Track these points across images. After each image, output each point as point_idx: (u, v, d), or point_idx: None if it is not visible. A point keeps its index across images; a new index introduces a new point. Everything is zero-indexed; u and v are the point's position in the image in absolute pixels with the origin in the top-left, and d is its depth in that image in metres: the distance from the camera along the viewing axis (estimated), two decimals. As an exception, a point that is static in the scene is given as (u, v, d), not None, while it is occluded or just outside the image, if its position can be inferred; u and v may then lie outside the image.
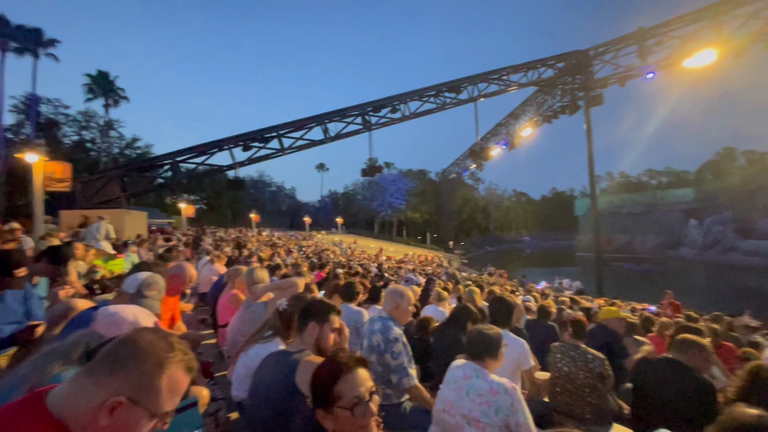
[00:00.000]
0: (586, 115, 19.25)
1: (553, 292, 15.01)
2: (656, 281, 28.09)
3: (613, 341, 3.81)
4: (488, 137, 28.41)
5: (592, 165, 19.56)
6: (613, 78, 18.55)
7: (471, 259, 46.89)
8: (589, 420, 2.71)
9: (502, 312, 2.95)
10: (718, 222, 40.30)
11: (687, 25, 15.89)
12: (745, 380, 2.12)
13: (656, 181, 72.79)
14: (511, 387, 1.70)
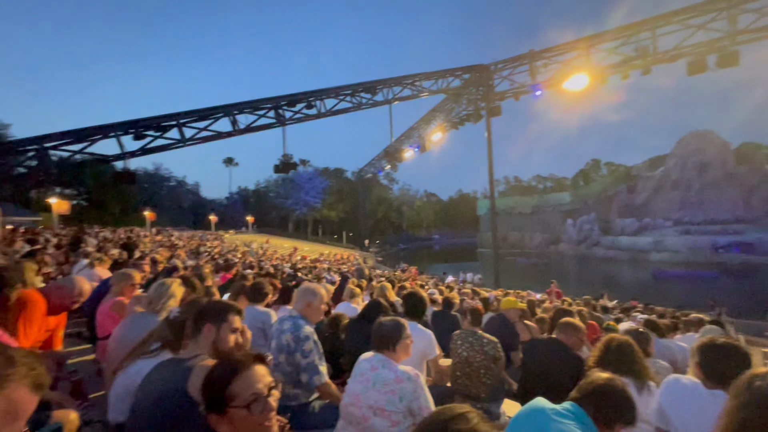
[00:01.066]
0: (487, 124, 21.19)
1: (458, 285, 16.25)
2: (542, 272, 32.29)
3: (508, 327, 4.28)
4: (402, 139, 29.55)
5: (492, 170, 21.63)
6: (510, 92, 20.74)
7: (385, 257, 48.29)
8: (484, 398, 3.00)
9: (415, 305, 3.11)
10: (587, 221, 47.91)
11: (566, 52, 18.51)
12: (601, 350, 2.54)
13: (542, 186, 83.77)
14: (414, 374, 1.79)
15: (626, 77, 17.20)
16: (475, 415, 0.76)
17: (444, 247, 75.73)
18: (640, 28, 16.67)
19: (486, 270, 26.68)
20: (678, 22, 15.84)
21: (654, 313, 8.82)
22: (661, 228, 41.76)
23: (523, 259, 45.02)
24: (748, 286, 27.18)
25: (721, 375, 1.69)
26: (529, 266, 40.23)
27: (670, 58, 16.14)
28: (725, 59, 14.54)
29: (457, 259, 48.45)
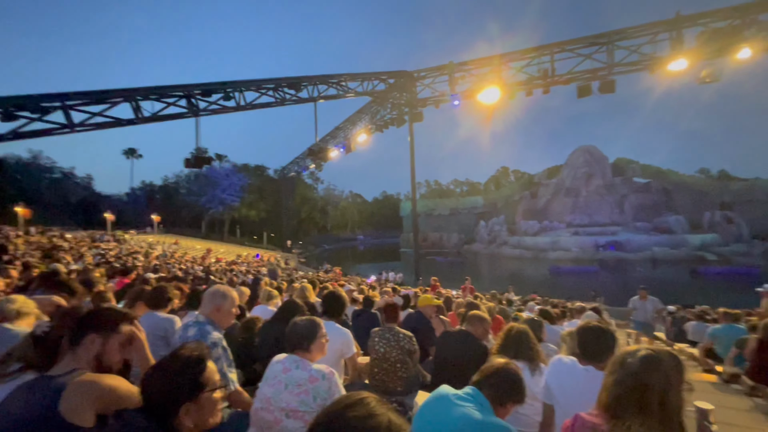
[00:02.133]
0: (409, 129, 22.03)
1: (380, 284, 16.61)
2: (458, 270, 34.53)
3: (424, 323, 4.50)
4: (327, 139, 29.26)
5: (414, 173, 22.54)
6: (431, 100, 21.85)
7: (309, 258, 47.29)
8: (400, 391, 3.11)
9: (332, 305, 3.10)
10: (497, 223, 52.51)
11: (481, 67, 20.11)
12: (503, 338, 2.80)
13: (459, 189, 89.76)
14: (329, 372, 1.78)
15: (530, 94, 19.26)
16: (373, 399, 0.79)
17: (368, 248, 76.77)
18: (542, 52, 18.81)
19: (408, 269, 27.69)
20: (571, 50, 18.21)
21: (549, 304, 10.00)
22: (557, 229, 47.57)
23: (441, 258, 47.65)
24: (620, 278, 32.34)
25: (592, 353, 1.98)
26: (446, 265, 42.70)
27: (564, 81, 18.48)
28: (605, 86, 17.12)
29: (380, 259, 49.47)
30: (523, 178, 65.30)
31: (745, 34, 14.48)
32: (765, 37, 14.61)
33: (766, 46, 14.65)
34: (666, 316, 9.48)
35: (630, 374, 1.19)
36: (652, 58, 16.58)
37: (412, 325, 4.15)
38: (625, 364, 1.22)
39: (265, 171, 64.83)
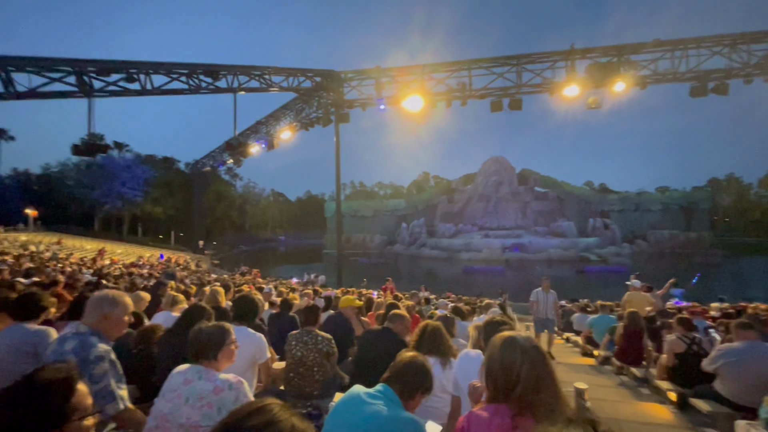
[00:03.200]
0: (335, 130, 21.88)
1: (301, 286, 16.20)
2: (380, 271, 35.23)
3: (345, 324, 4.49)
4: (248, 133, 27.66)
5: (339, 174, 22.44)
6: (358, 102, 21.99)
7: (223, 259, 44.14)
8: (317, 395, 3.05)
9: (244, 308, 2.92)
10: (417, 225, 54.83)
11: (406, 75, 20.83)
12: (418, 335, 2.92)
13: (383, 192, 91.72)
14: (236, 381, 1.67)
15: (449, 105, 20.48)
16: (276, 406, 0.75)
17: (290, 249, 74.34)
18: (461, 67, 20.16)
19: (331, 270, 27.45)
20: (486, 68, 19.82)
21: (461, 301, 10.72)
22: (470, 232, 51.31)
23: (364, 259, 48.16)
24: (522, 276, 36.04)
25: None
26: (369, 266, 43.27)
27: (480, 96, 20.03)
28: (513, 103, 18.94)
29: (303, 261, 48.25)
30: (442, 183, 69.14)
31: (620, 70, 17.23)
32: (635, 74, 17.57)
33: (636, 81, 17.62)
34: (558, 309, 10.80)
35: (495, 360, 1.31)
36: (551, 82, 18.82)
37: (332, 326, 4.12)
38: (490, 354, 1.35)
39: (175, 164, 59.04)
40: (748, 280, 31.95)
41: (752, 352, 3.42)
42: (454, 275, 36.77)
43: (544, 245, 46.21)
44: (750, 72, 16.98)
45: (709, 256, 42.69)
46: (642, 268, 35.16)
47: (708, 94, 17.02)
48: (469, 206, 54.89)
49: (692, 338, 4.26)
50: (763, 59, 16.80)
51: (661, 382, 4.45)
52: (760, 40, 16.98)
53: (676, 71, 17.71)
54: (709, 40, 17.46)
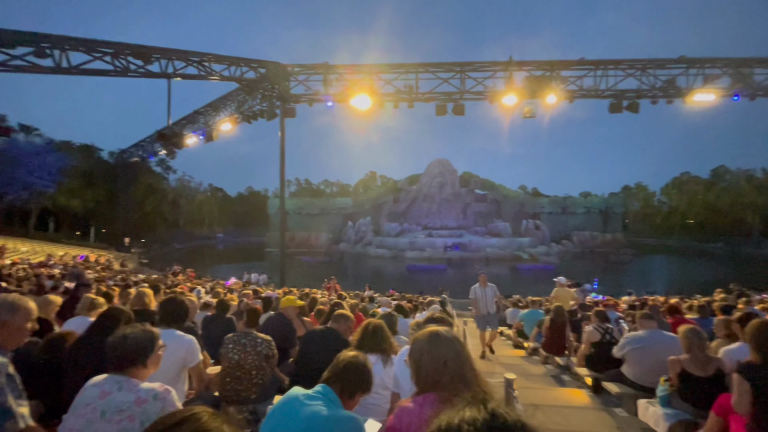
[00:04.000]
0: (280, 124, 21.19)
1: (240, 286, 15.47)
2: (325, 270, 34.81)
3: (286, 324, 4.37)
4: (183, 123, 25.78)
5: (284, 170, 21.78)
6: (304, 97, 21.47)
7: (153, 258, 40.69)
8: (254, 399, 2.94)
9: (172, 311, 2.71)
10: (363, 224, 55.02)
11: (354, 73, 20.77)
12: (361, 333, 2.93)
13: (330, 190, 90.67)
14: (162, 391, 1.55)
15: (397, 106, 20.81)
16: (205, 414, 0.70)
17: (230, 247, 70.65)
18: (408, 70, 20.57)
19: (273, 269, 26.52)
20: (432, 72, 20.41)
21: (404, 299, 10.96)
22: (415, 231, 52.64)
23: (308, 258, 47.27)
24: (462, 274, 37.73)
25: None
26: (314, 265, 42.57)
27: (426, 99, 20.59)
28: (457, 109, 19.74)
29: (244, 259, 46.08)
30: (388, 183, 70.03)
31: (552, 84, 18.72)
32: (564, 88, 19.19)
33: (565, 95, 19.25)
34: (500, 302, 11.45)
35: (423, 353, 1.42)
36: (492, 90, 19.91)
37: (272, 327, 3.99)
38: (419, 348, 1.46)
39: (97, 153, 53.19)
40: (651, 276, 36.49)
41: (652, 339, 3.91)
42: (398, 273, 37.45)
43: (482, 244, 48.81)
44: (656, 94, 19.36)
45: (621, 255, 47.99)
46: (568, 265, 38.59)
47: (623, 111, 19.11)
48: (414, 206, 56.26)
49: (606, 328, 4.76)
50: (665, 83, 19.25)
51: (580, 369, 4.92)
52: (664, 66, 19.43)
53: (598, 88, 19.65)
54: (624, 63, 19.61)
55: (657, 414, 3.18)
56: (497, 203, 56.30)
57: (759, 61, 19.62)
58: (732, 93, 19.42)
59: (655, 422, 3.20)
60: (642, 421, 3.41)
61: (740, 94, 19.53)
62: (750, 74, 19.72)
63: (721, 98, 19.40)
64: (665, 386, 3.27)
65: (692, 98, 18.88)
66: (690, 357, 3.10)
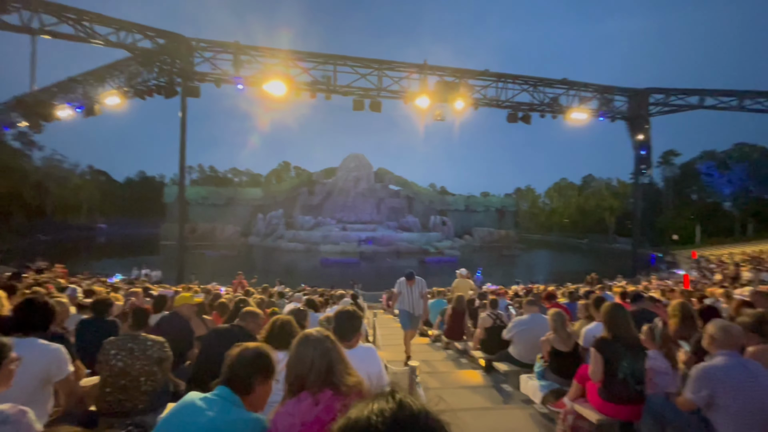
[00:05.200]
0: (182, 104, 19.11)
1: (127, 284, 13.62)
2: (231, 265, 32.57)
3: (182, 324, 3.97)
4: (54, 91, 21.54)
5: (184, 154, 19.70)
6: (211, 77, 19.66)
7: (10, 252, 33.48)
8: (142, 410, 2.63)
9: (30, 316, 2.27)
10: (275, 217, 52.83)
11: (269, 57, 19.68)
12: (268, 330, 2.83)
13: (238, 179, 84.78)
14: (15, 412, 1.29)
15: (314, 97, 20.33)
16: None
17: (115, 239, 61.65)
18: (327, 60, 20.22)
19: (170, 264, 23.87)
20: (351, 66, 20.39)
21: (316, 293, 10.85)
22: (329, 225, 52.30)
23: (212, 252, 43.78)
24: (374, 267, 38.72)
25: (342, 333, 2.28)
26: (218, 259, 39.55)
27: (343, 92, 20.49)
28: (374, 105, 20.07)
29: (133, 253, 40.67)
30: (303, 175, 68.12)
31: (460, 91, 20.17)
32: (470, 96, 20.82)
33: (471, 102, 20.88)
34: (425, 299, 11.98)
35: (292, 357, 1.56)
36: (407, 91, 20.67)
37: (165, 329, 3.61)
38: (289, 353, 1.61)
39: None
40: (535, 267, 41.99)
41: (534, 322, 4.51)
42: (312, 268, 36.86)
43: (394, 239, 50.69)
44: (544, 108, 22.19)
45: (512, 249, 54.19)
46: (468, 258, 42.23)
47: (518, 121, 21.50)
48: (329, 199, 55.81)
49: (497, 314, 5.35)
50: (551, 100, 22.18)
51: (475, 352, 5.46)
52: (551, 85, 22.35)
53: (499, 99, 21.78)
54: (520, 78, 22.04)
55: (534, 386, 3.69)
56: (409, 199, 58.92)
57: (619, 89, 23.80)
58: (599, 114, 23.26)
59: (533, 393, 3.71)
60: (523, 393, 3.92)
61: (604, 115, 23.50)
62: (612, 100, 23.83)
63: (591, 117, 23.08)
64: (540, 362, 3.81)
65: (570, 115, 22.11)
66: (556, 336, 3.66)
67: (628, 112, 23.98)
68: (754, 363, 2.31)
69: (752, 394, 2.16)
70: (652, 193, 55.06)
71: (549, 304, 6.22)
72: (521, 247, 57.35)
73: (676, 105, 23.65)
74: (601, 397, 2.89)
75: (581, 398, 3.11)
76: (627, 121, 24.30)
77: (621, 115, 24.00)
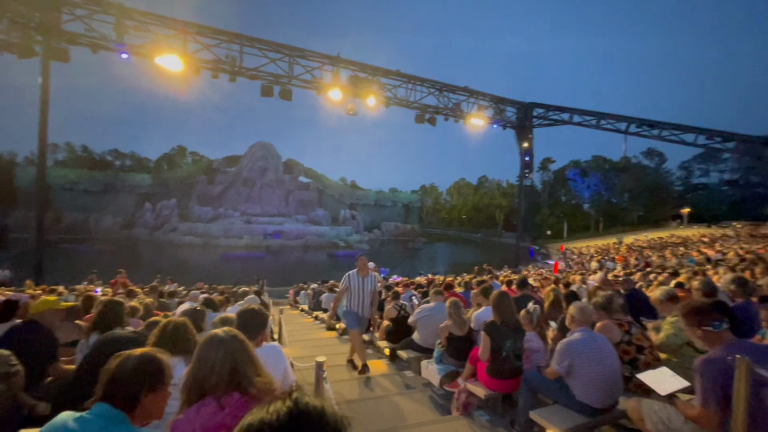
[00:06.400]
0: (42, 67, 15.75)
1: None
2: (111, 261, 28.15)
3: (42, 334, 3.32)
4: None
5: (45, 128, 16.27)
6: (85, 39, 16.57)
7: None
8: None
9: None
10: (167, 207, 47.22)
11: (161, 26, 17.35)
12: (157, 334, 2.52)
13: (120, 162, 73.26)
14: None
15: (216, 77, 18.63)
16: None
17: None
18: (232, 39, 18.66)
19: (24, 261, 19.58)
20: (259, 48, 19.16)
21: (216, 291, 10.05)
22: (231, 217, 48.69)
23: (84, 246, 37.36)
24: (281, 262, 37.34)
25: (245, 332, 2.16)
26: (92, 254, 33.90)
27: (250, 76, 19.18)
28: (284, 93, 19.25)
29: (-36, 249, 32.50)
30: (201, 162, 62.02)
31: (372, 88, 20.49)
32: (382, 94, 21.29)
33: (383, 100, 21.38)
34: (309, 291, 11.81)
35: (194, 360, 1.47)
36: (320, 82, 20.24)
37: (18, 340, 2.98)
38: (193, 356, 1.51)
39: None
40: (437, 259, 45.16)
41: (436, 310, 4.86)
42: (210, 263, 33.96)
43: (303, 232, 49.51)
44: (448, 113, 23.86)
45: (416, 243, 57.38)
46: (376, 251, 43.46)
47: (425, 122, 22.75)
48: (231, 190, 51.88)
49: (400, 305, 5.63)
50: (454, 105, 23.96)
51: (381, 342, 5.67)
52: (454, 92, 24.13)
53: (408, 100, 22.74)
54: (428, 82, 23.31)
55: (433, 370, 3.99)
56: (319, 192, 58.06)
57: (510, 101, 26.80)
58: (493, 121, 25.90)
59: (431, 377, 4.01)
60: (424, 377, 4.21)
61: (498, 123, 26.26)
62: (504, 110, 26.74)
63: (487, 124, 25.57)
64: (439, 348, 4.14)
65: (470, 120, 24.19)
66: (452, 322, 4.02)
67: (516, 122, 27.22)
68: (601, 336, 2.86)
69: (598, 360, 2.66)
70: (532, 195, 63.53)
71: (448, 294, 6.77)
72: (424, 240, 61.05)
73: (553, 119, 27.56)
74: (489, 375, 3.26)
75: (472, 378, 3.47)
76: (515, 129, 27.58)
77: (511, 124, 27.12)
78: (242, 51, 18.68)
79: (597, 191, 61.96)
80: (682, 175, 60.90)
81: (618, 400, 2.70)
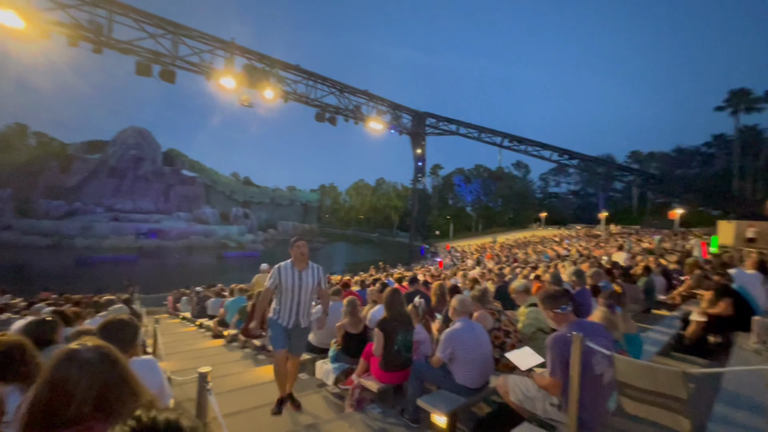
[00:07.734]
0: None
1: None
2: None
3: None
4: None
5: None
6: None
7: None
8: None
9: None
10: (-2, 199, 37.47)
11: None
12: None
13: None
14: None
15: (75, 45, 15.58)
16: None
17: None
18: (99, 3, 15.80)
19: None
20: (134, 19, 16.61)
21: (69, 302, 8.38)
22: (92, 213, 41.04)
23: None
24: (159, 265, 32.94)
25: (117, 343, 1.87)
26: None
27: (122, 49, 16.53)
28: (166, 74, 17.07)
29: None
30: (50, 145, 50.73)
31: (270, 80, 19.55)
32: (280, 88, 20.46)
33: (281, 94, 20.54)
34: (193, 296, 10.71)
35: (41, 383, 1.08)
36: (210, 67, 18.47)
37: None
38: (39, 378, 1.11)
39: None
40: (334, 259, 45.28)
41: (335, 309, 4.87)
42: (62, 269, 28.12)
43: (186, 232, 44.46)
44: (348, 114, 24.14)
45: (315, 243, 56.65)
46: (272, 252, 41.51)
47: (325, 121, 22.61)
48: (93, 181, 43.69)
49: (298, 307, 5.50)
50: (354, 107, 24.37)
51: (274, 346, 5.44)
52: (355, 94, 24.54)
53: (308, 97, 22.32)
54: (329, 81, 23.24)
55: (328, 369, 4.01)
56: (207, 188, 52.88)
57: (406, 109, 28.40)
58: (390, 127, 27.13)
59: (326, 376, 4.02)
60: (318, 378, 4.19)
61: (395, 128, 27.62)
62: (401, 117, 28.22)
63: (385, 129, 26.66)
64: (334, 347, 4.17)
65: (369, 124, 24.90)
66: (348, 320, 4.11)
67: (411, 129, 28.99)
68: (477, 324, 3.24)
69: (475, 347, 3.02)
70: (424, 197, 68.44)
71: (345, 293, 6.86)
72: (323, 240, 60.63)
73: (443, 129, 30.12)
74: (381, 369, 3.42)
75: (366, 373, 3.59)
76: (410, 136, 29.35)
77: (407, 131, 28.77)
78: (112, 19, 15.97)
79: (477, 196, 69.97)
80: (541, 185, 72.60)
81: (490, 380, 3.10)
